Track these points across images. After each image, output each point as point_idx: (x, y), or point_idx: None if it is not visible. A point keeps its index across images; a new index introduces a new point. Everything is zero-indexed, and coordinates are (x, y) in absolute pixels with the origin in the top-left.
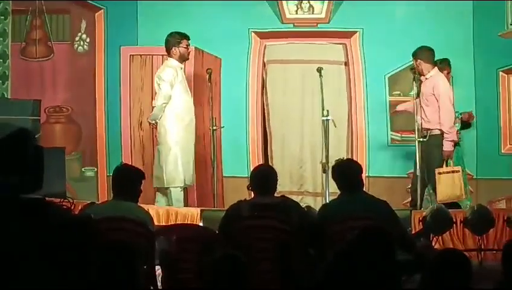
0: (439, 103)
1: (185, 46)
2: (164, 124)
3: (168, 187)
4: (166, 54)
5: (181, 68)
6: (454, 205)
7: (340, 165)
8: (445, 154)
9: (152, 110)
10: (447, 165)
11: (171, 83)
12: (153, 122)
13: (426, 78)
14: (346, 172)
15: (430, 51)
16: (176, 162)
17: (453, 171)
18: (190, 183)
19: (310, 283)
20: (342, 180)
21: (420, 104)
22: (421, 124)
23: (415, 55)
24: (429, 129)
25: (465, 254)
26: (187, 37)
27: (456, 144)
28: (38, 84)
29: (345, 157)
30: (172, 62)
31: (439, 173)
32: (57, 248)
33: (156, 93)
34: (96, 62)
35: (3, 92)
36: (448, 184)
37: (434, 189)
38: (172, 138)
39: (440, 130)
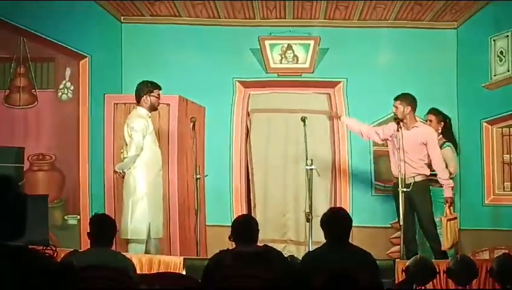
0: (431, 152)
1: (156, 95)
2: (133, 175)
3: (130, 239)
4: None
5: (149, 117)
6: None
7: (334, 215)
8: (449, 201)
9: (122, 160)
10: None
11: (143, 133)
12: (120, 171)
13: (415, 127)
14: (339, 223)
15: (415, 100)
16: (143, 214)
17: (454, 218)
18: (157, 236)
19: None
20: (333, 230)
21: (399, 150)
22: (404, 172)
23: (401, 99)
24: (416, 174)
25: None
26: (159, 87)
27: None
28: (21, 132)
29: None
30: (142, 111)
31: (448, 220)
32: None
33: (125, 142)
34: (80, 110)
35: None
36: (453, 231)
37: (432, 236)
38: (141, 189)
39: (424, 174)
